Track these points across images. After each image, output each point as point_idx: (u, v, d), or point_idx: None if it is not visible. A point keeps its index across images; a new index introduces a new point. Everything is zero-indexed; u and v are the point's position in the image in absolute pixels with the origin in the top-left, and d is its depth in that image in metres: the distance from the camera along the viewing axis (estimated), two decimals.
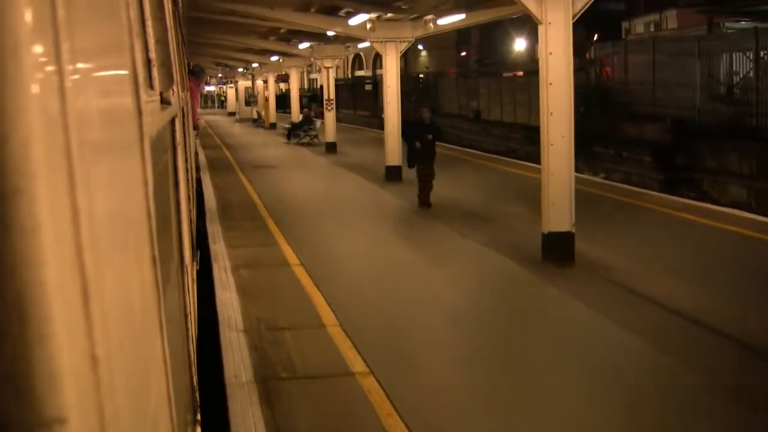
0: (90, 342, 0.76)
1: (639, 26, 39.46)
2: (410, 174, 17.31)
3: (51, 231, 0.67)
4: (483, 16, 17.70)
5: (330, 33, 21.38)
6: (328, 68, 27.95)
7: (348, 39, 24.46)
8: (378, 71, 72.34)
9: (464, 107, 49.63)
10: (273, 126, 45.19)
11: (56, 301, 0.66)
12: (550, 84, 10.50)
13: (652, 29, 36.39)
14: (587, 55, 35.55)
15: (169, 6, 4.07)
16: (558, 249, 10.16)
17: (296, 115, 37.49)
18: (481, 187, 17.75)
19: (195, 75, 12.70)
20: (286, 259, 10.91)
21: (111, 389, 0.83)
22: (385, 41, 18.82)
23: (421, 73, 59.01)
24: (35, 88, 0.66)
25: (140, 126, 1.51)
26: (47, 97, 0.70)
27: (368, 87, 61.49)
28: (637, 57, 28.92)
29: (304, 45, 27.25)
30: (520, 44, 54.72)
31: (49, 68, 0.71)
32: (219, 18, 21.11)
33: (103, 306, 0.83)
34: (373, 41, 18.64)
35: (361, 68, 66.53)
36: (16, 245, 0.64)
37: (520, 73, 42.19)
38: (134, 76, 1.51)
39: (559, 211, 10.14)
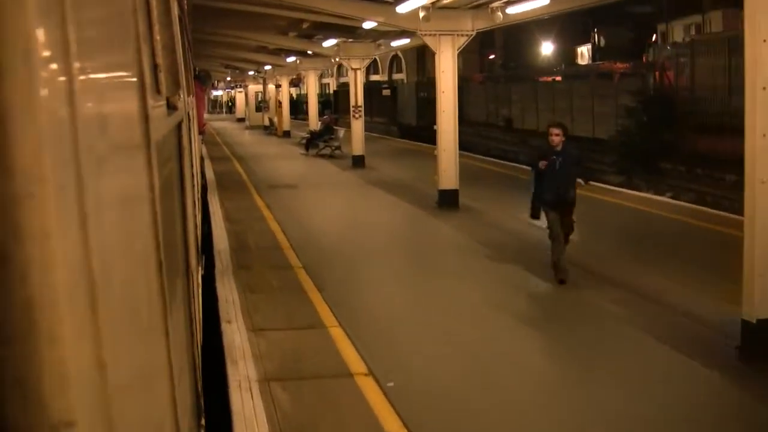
0: (97, 346, 0.78)
1: (677, 29, 34.50)
2: (467, 199, 16.52)
3: (60, 236, 0.68)
4: (568, 4, 15.20)
5: (368, 25, 18.56)
6: (356, 69, 25.87)
7: (383, 35, 22.57)
8: (395, 75, 67.75)
9: (493, 115, 46.49)
10: (287, 134, 42.77)
11: (65, 305, 0.68)
12: None
13: (692, 32, 31.30)
14: (644, 58, 30.68)
15: (176, 11, 4.00)
16: None
17: (314, 122, 35.43)
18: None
19: (200, 80, 13.00)
20: (344, 358, 7.45)
21: (117, 393, 0.84)
22: (440, 34, 16.14)
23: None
24: (46, 94, 0.67)
25: (147, 131, 1.50)
26: (57, 103, 0.72)
27: (386, 92, 58.63)
28: (706, 59, 26.28)
29: (329, 42, 24.67)
30: (546, 48, 52.36)
31: (60, 75, 0.73)
32: (233, 7, 19.29)
33: (110, 311, 0.84)
34: (425, 34, 16.03)
35: (376, 72, 62.61)
36: (26, 250, 0.65)
37: (558, 78, 36.73)
38: (141, 82, 1.51)
39: None
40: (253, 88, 50.22)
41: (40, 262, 0.66)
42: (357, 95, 24.48)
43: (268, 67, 38.51)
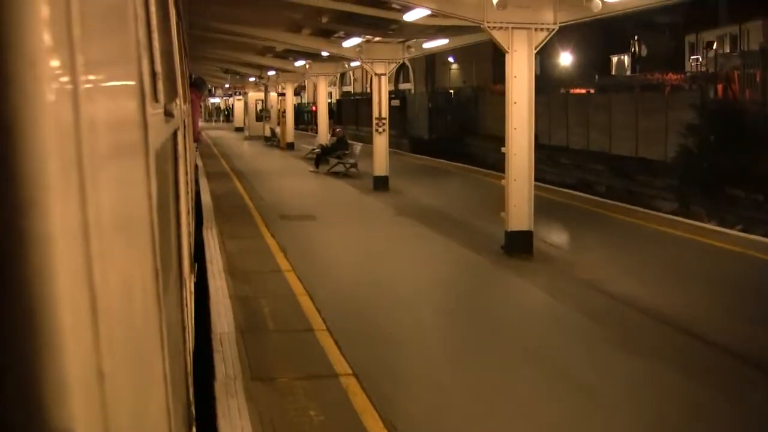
0: (97, 355, 0.80)
1: (708, 40, 30.60)
2: (541, 243, 12.83)
3: (63, 243, 0.71)
4: None
5: (414, 15, 15.37)
6: (380, 75, 22.62)
7: (420, 32, 19.31)
8: (401, 85, 63.83)
9: None
10: (290, 146, 39.35)
11: (66, 313, 0.70)
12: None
13: (727, 45, 27.31)
14: (705, 69, 26.48)
15: (174, 17, 4.08)
16: None
17: (324, 135, 32.75)
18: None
19: (196, 87, 12.85)
20: None
21: (115, 402, 0.86)
22: (513, 27, 12.60)
23: (451, 89, 55.49)
24: (51, 101, 0.70)
25: (146, 138, 1.53)
26: (62, 111, 0.75)
27: (395, 103, 54.43)
28: None
29: (351, 42, 21.53)
30: (565, 58, 50.47)
31: (65, 82, 0.76)
32: None
33: (109, 318, 0.87)
34: (494, 27, 12.45)
35: None
36: (29, 257, 0.67)
37: (592, 90, 32.62)
38: (141, 89, 1.55)
39: None
40: (254, 95, 47.36)
41: (43, 270, 0.68)
42: (381, 105, 22.01)
43: (271, 73, 35.41)
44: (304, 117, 62.29)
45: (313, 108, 65.59)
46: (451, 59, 55.38)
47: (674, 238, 13.78)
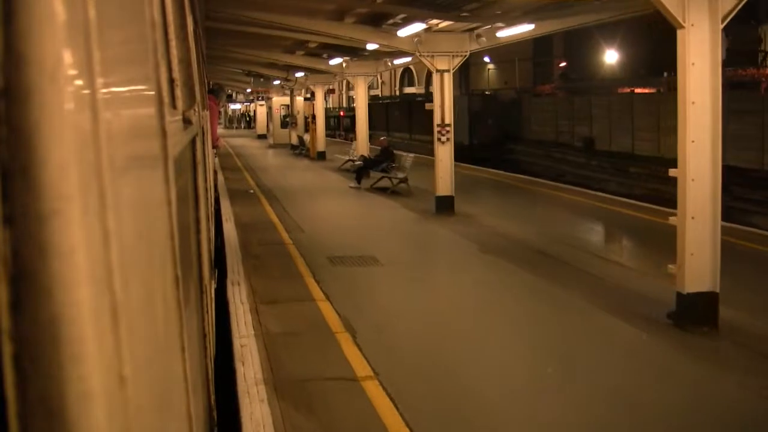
0: (119, 363, 0.83)
1: None
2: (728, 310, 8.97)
3: (84, 252, 0.72)
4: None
5: None
6: (442, 72, 18.32)
7: (509, 12, 15.60)
8: (432, 88, 58.30)
9: (566, 133, 38.99)
10: (321, 156, 35.52)
11: (89, 322, 0.72)
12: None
13: None
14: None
15: (191, 25, 4.13)
16: None
17: (363, 144, 28.78)
18: None
19: (214, 94, 13.13)
20: None
21: (138, 410, 0.89)
22: None
23: (487, 91, 50.99)
24: (71, 112, 0.72)
25: (165, 146, 1.55)
26: (81, 121, 0.78)
27: (429, 106, 43.32)
28: None
29: (409, 30, 17.52)
30: (611, 56, 44.84)
31: (84, 93, 0.79)
32: None
33: (130, 327, 0.89)
34: None
35: (411, 84, 54.56)
36: (51, 267, 0.69)
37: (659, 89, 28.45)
38: (159, 97, 1.56)
39: None
40: (278, 100, 43.74)
41: (65, 280, 0.69)
42: (445, 109, 18.30)
43: (299, 74, 31.43)
44: (330, 123, 57.95)
45: (341, 114, 61.49)
46: (486, 59, 50.94)
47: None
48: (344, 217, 18.00)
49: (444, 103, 17.90)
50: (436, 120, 17.99)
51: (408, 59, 25.55)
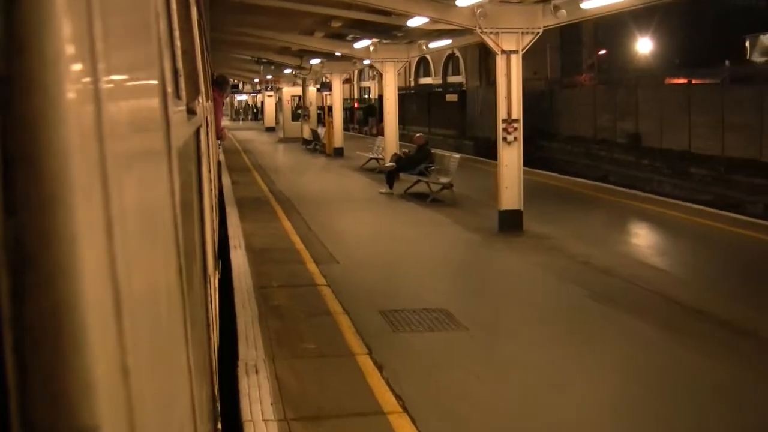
0: (122, 352, 0.84)
1: None
2: None
3: (87, 241, 0.73)
4: None
5: None
6: (509, 54, 14.33)
7: None
8: (450, 78, 56.06)
9: (608, 129, 34.38)
10: (338, 152, 31.63)
11: (91, 310, 0.73)
12: None
13: None
14: None
15: (195, 15, 4.01)
16: None
17: (393, 141, 24.40)
18: None
19: (218, 85, 12.41)
20: None
21: (140, 399, 0.90)
22: None
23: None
24: (73, 100, 0.73)
25: (168, 136, 1.55)
26: (85, 109, 0.79)
27: (451, 98, 46.93)
28: None
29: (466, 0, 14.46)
30: (644, 45, 40.54)
31: (86, 81, 0.81)
32: None
33: (133, 316, 0.91)
34: None
35: (427, 74, 50.69)
36: (53, 255, 0.69)
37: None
38: (163, 87, 1.56)
39: None
40: (289, 90, 39.50)
41: (67, 268, 0.70)
42: (512, 100, 14.42)
43: (315, 61, 27.87)
44: (343, 115, 53.88)
45: (355, 105, 57.34)
46: None
47: None
48: (385, 237, 14.46)
49: (511, 93, 14.25)
50: (501, 114, 14.31)
51: (446, 42, 22.12)
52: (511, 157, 14.55)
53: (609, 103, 35.33)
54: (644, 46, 42.07)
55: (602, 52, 43.44)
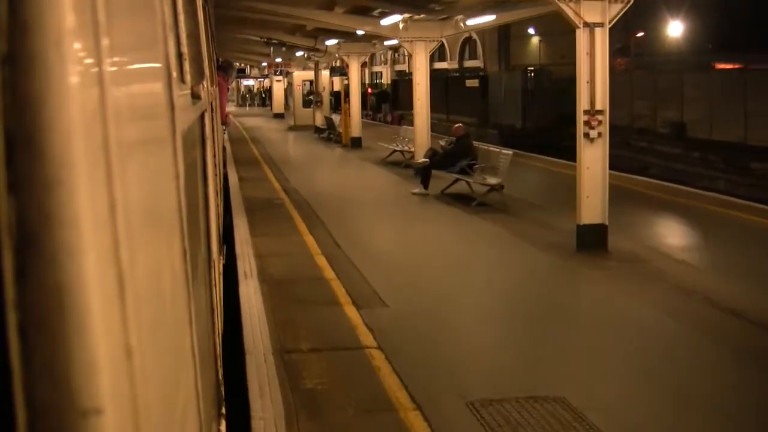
0: (125, 333, 0.84)
1: None
2: None
3: (90, 222, 0.73)
4: None
5: None
6: (593, 27, 11.09)
7: None
8: (466, 62, 53.34)
9: (647, 117, 30.70)
10: (356, 143, 27.89)
11: (94, 292, 0.73)
12: None
13: None
14: None
15: (200, 1, 4.03)
16: None
17: (424, 132, 21.13)
18: None
19: (223, 70, 12.25)
20: None
21: (144, 381, 0.91)
22: None
23: (531, 66, 41.25)
24: (76, 81, 0.73)
25: (172, 120, 1.53)
26: (88, 90, 0.80)
27: (471, 83, 42.75)
28: None
29: None
30: (675, 28, 36.38)
31: (90, 62, 0.81)
32: None
33: (137, 298, 0.91)
34: None
35: (442, 58, 47.52)
36: (56, 236, 0.69)
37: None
38: (167, 71, 1.55)
39: None
40: (300, 75, 36.19)
41: (70, 248, 0.69)
42: (597, 88, 11.16)
43: (331, 42, 23.80)
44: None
45: (369, 90, 54.19)
46: (531, 30, 43.30)
47: None
48: (436, 260, 11.89)
49: (596, 77, 11.05)
50: (582, 104, 11.55)
51: (488, 19, 18.37)
52: (594, 157, 11.49)
53: (648, 89, 32.59)
54: (680, 27, 38.89)
55: (640, 34, 40.45)
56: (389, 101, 55.57)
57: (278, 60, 43.11)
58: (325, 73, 37.72)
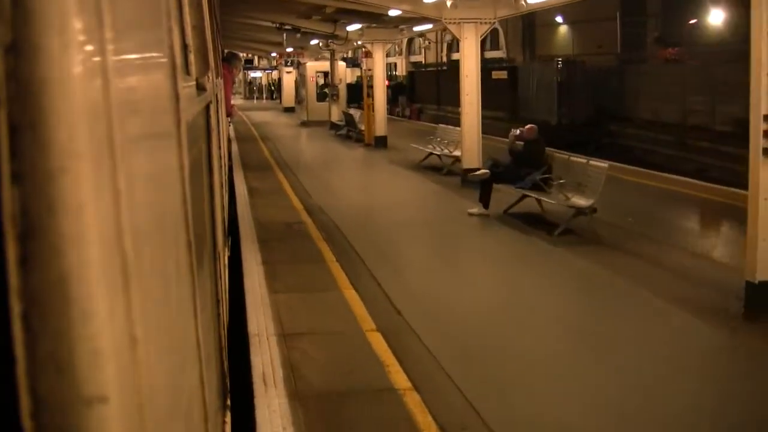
0: (130, 322, 0.85)
1: None
2: None
3: (94, 211, 0.74)
4: None
5: None
6: None
7: None
8: (487, 53, 49.55)
9: (703, 113, 26.68)
10: (380, 142, 24.44)
11: (99, 281, 0.73)
12: None
13: None
14: None
15: None
16: None
17: (473, 133, 17.41)
18: None
19: (228, 62, 12.29)
20: None
21: (148, 370, 0.92)
22: None
23: (560, 57, 37.70)
24: (80, 70, 0.74)
25: (177, 111, 1.53)
26: (91, 79, 0.81)
27: (498, 75, 38.28)
28: None
29: None
30: (716, 16, 32.58)
31: (93, 51, 0.81)
32: None
33: (141, 287, 0.93)
34: None
35: (459, 50, 42.46)
36: (60, 225, 0.70)
37: None
38: (172, 62, 1.54)
39: None
40: (313, 65, 33.92)
41: (74, 237, 0.69)
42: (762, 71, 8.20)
43: (353, 27, 19.45)
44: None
45: (386, 82, 50.63)
46: (559, 19, 39.56)
47: None
48: (552, 343, 7.52)
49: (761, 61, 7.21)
50: (761, 108, 7.29)
51: None
52: None
53: (703, 82, 29.19)
54: (716, 17, 35.52)
55: (692, 21, 36.69)
56: (406, 94, 54.27)
57: (289, 50, 39.79)
58: (341, 64, 35.19)
